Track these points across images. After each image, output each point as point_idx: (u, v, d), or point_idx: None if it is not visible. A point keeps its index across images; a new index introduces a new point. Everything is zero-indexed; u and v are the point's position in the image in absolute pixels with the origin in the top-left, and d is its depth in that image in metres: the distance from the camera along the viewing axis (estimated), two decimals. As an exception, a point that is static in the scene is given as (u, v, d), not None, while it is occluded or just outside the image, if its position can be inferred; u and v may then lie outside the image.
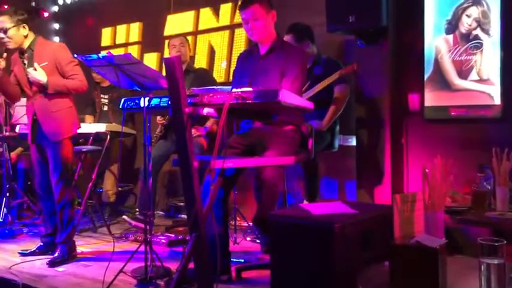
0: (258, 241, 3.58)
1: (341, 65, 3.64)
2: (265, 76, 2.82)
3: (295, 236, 2.29)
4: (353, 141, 3.75)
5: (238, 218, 4.01)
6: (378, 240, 2.32)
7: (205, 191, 2.64)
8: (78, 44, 5.76)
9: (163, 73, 4.71)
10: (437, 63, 3.38)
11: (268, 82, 2.77)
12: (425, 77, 3.40)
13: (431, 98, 3.38)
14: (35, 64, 3.23)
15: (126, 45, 5.89)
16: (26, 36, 3.33)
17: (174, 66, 2.35)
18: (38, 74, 3.23)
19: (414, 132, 3.45)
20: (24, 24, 3.31)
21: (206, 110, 2.54)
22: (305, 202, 3.51)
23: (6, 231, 4.12)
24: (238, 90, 2.26)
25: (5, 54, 3.31)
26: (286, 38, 3.47)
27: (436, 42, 3.38)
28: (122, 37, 5.94)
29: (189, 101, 2.43)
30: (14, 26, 3.25)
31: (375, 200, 3.40)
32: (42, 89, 3.29)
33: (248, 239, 3.78)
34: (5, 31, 3.24)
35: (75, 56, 3.06)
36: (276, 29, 2.98)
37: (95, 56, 2.67)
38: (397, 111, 3.49)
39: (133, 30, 5.83)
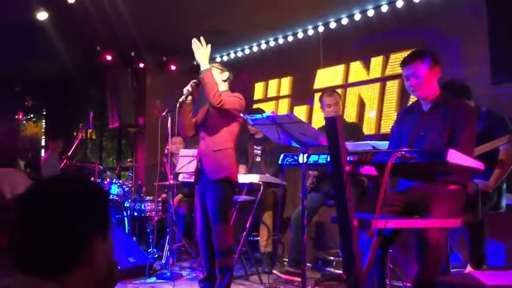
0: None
1: (504, 117, 3.38)
2: (429, 134, 2.72)
3: (465, 307, 2.12)
4: (523, 201, 3.41)
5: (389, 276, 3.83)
6: None
7: (362, 248, 2.58)
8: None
9: (312, 124, 4.89)
10: None
11: (433, 140, 2.67)
12: None
13: None
14: (206, 44, 3.51)
15: (277, 98, 6.18)
16: (224, 81, 3.68)
17: (335, 125, 2.40)
18: (204, 55, 3.48)
19: None
20: (227, 72, 3.72)
21: (367, 168, 2.52)
22: (469, 267, 3.25)
23: (168, 274, 4.44)
24: (403, 150, 2.22)
25: (200, 86, 3.60)
26: None
27: None
28: (273, 91, 6.25)
29: (349, 158, 2.45)
30: (219, 69, 3.66)
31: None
32: (212, 127, 3.57)
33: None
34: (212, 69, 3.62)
35: (241, 115, 3.28)
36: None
37: (259, 116, 2.85)
38: None
39: (284, 84, 6.11)
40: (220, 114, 3.55)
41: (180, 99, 3.57)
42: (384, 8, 4.87)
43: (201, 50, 3.48)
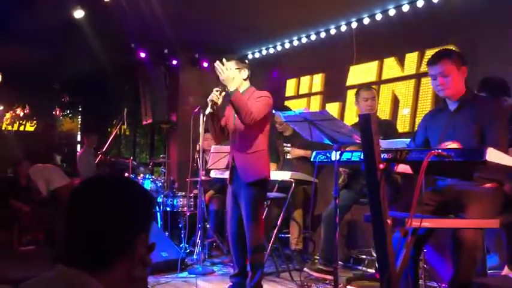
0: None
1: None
2: (458, 133, 2.67)
3: (503, 310, 2.06)
4: None
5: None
6: None
7: (395, 247, 2.54)
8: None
9: (344, 121, 4.84)
10: None
11: (464, 139, 2.61)
12: None
13: None
14: (227, 63, 3.47)
15: (308, 95, 6.14)
16: (245, 80, 3.67)
17: (369, 122, 2.37)
18: (228, 78, 3.42)
19: None
20: (246, 69, 3.69)
21: (402, 167, 2.48)
22: (506, 269, 3.15)
23: (200, 269, 4.48)
24: (440, 148, 2.17)
25: (223, 93, 3.60)
26: None
27: None
28: (305, 88, 6.21)
29: (383, 156, 2.42)
30: (237, 69, 3.62)
31: None
32: (243, 131, 3.53)
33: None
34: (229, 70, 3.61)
35: (274, 111, 3.27)
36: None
37: (291, 112, 2.83)
38: None
39: (316, 81, 6.06)
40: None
41: (207, 112, 3.57)
42: (420, 3, 4.77)
43: (225, 73, 3.44)
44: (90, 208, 1.13)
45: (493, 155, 2.07)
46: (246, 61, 3.77)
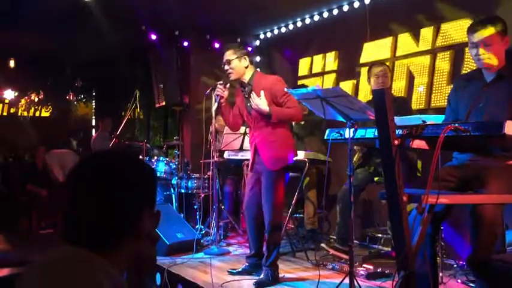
0: (471, 284, 3.26)
1: None
2: (491, 106, 2.56)
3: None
4: None
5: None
6: None
7: (412, 225, 2.50)
8: (277, 75, 6.11)
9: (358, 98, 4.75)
10: None
11: (492, 113, 2.52)
12: None
13: None
14: (261, 92, 3.43)
15: (322, 74, 6.05)
16: (246, 67, 3.59)
17: (383, 98, 2.31)
18: (262, 103, 3.41)
19: None
20: (245, 56, 3.59)
21: (417, 143, 2.43)
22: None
23: (215, 250, 4.49)
24: (456, 122, 2.11)
25: (228, 85, 3.56)
26: None
27: None
28: (318, 67, 6.12)
29: (398, 132, 2.37)
30: (236, 58, 3.56)
31: None
32: (264, 118, 3.49)
33: (459, 281, 3.46)
34: (229, 62, 3.57)
35: (285, 89, 3.22)
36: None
37: (304, 90, 2.78)
38: None
39: (330, 59, 5.96)
40: (268, 103, 3.49)
41: (214, 108, 3.59)
42: (435, -24, 4.64)
43: (258, 102, 3.42)
44: (92, 184, 1.11)
45: (513, 128, 2.00)
46: (244, 47, 3.76)
